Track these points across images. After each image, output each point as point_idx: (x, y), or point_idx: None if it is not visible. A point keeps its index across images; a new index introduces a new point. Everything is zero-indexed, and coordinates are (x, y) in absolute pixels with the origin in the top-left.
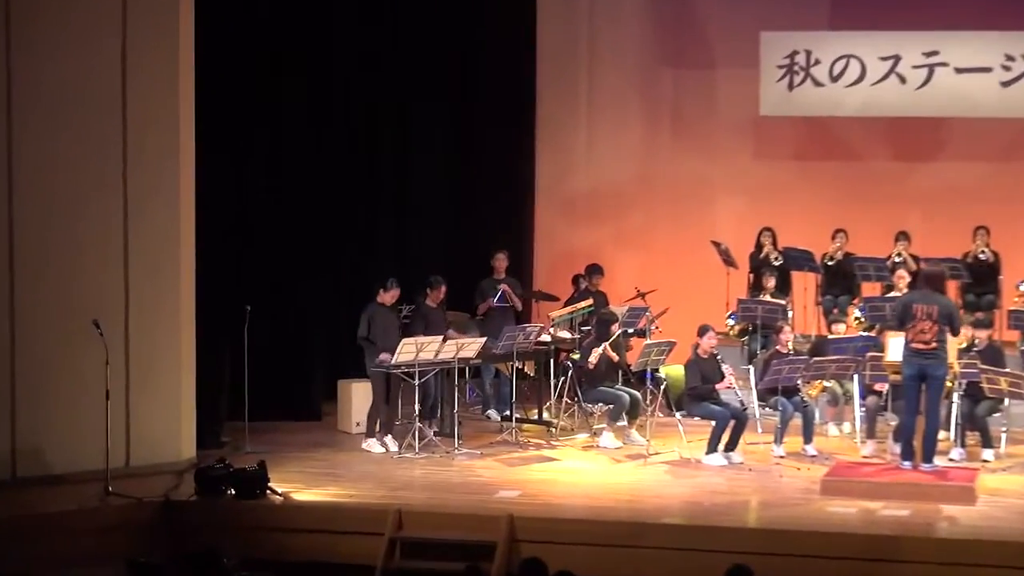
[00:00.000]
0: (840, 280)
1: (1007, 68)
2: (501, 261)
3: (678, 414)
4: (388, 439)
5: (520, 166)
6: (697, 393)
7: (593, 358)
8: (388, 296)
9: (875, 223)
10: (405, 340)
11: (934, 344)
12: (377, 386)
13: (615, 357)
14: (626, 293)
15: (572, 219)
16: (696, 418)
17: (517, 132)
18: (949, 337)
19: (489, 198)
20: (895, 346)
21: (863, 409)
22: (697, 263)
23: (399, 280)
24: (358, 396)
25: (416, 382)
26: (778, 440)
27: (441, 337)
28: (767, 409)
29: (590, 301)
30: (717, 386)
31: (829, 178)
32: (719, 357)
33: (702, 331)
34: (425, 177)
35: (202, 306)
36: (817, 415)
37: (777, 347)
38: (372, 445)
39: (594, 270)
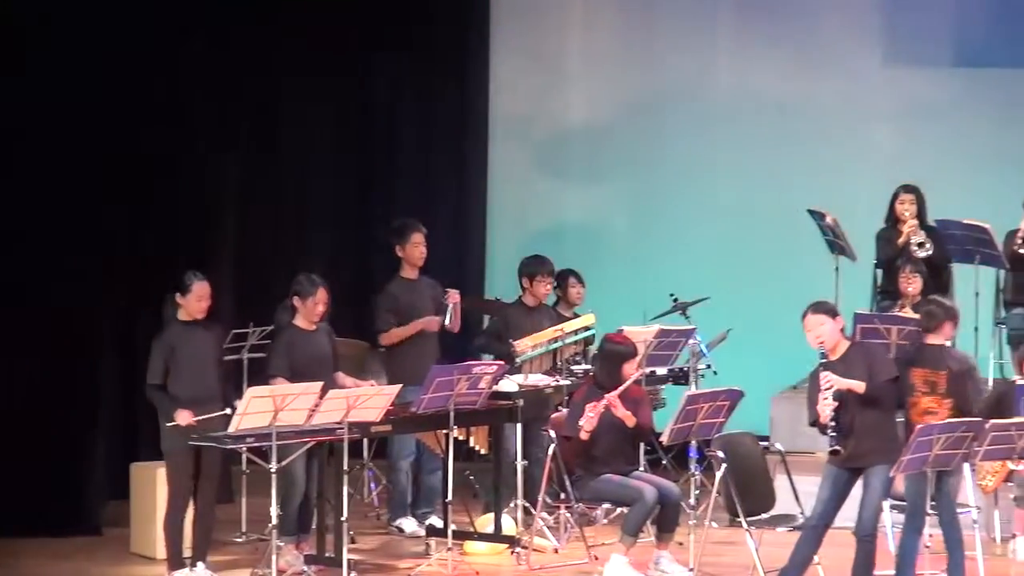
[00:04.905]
0: None
1: None
2: (417, 247)
3: (747, 522)
4: (201, 569)
5: (464, 88)
6: None
7: (586, 423)
8: (193, 301)
9: None
10: (253, 391)
11: None
12: (178, 471)
13: (631, 419)
14: (652, 304)
15: (554, 174)
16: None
17: (457, 32)
18: None
19: (407, 144)
20: None
21: None
22: (781, 250)
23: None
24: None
25: (273, 467)
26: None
27: (318, 385)
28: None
29: (591, 318)
30: None
31: (1020, 96)
32: None
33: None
34: (297, 115)
35: None
36: (997, 524)
37: None
38: None
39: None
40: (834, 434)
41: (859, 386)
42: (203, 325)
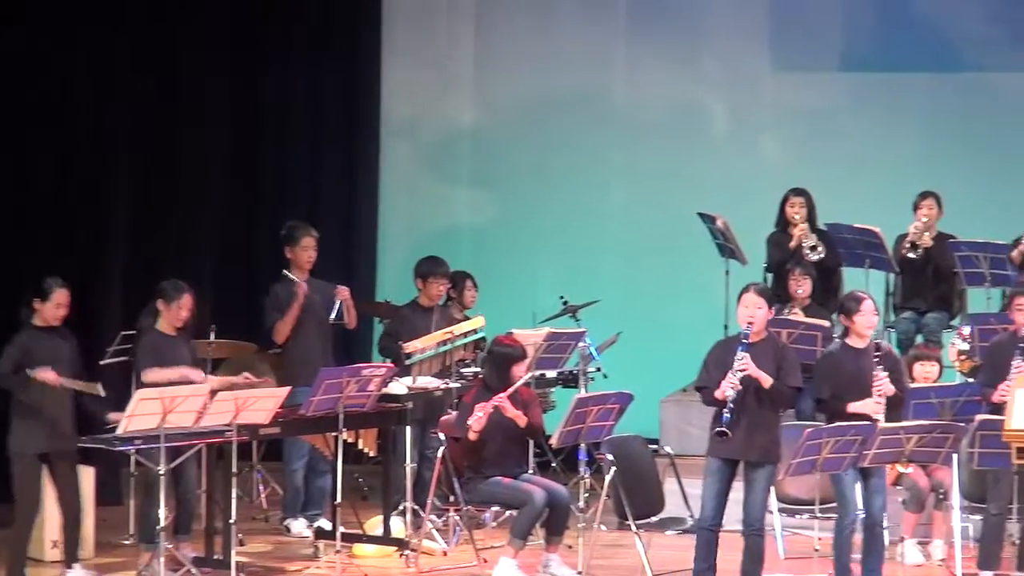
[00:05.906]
0: (928, 284)
1: None
2: (306, 251)
3: (636, 525)
4: (78, 570)
5: (355, 89)
6: None
7: (474, 422)
8: (51, 308)
9: (996, 182)
10: (141, 393)
11: None
12: (27, 477)
13: (522, 419)
14: (543, 307)
15: (445, 176)
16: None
17: (349, 32)
18: None
19: (298, 144)
20: None
21: (970, 517)
22: (672, 254)
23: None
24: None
25: (161, 469)
26: None
27: (207, 387)
28: (798, 516)
29: (480, 320)
30: None
31: (910, 102)
32: None
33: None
34: (188, 115)
35: None
36: (886, 528)
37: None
38: None
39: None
40: (728, 416)
41: (767, 380)
42: (59, 333)
